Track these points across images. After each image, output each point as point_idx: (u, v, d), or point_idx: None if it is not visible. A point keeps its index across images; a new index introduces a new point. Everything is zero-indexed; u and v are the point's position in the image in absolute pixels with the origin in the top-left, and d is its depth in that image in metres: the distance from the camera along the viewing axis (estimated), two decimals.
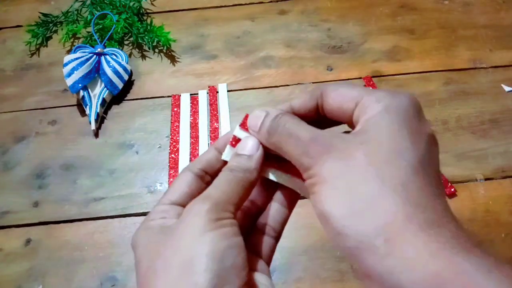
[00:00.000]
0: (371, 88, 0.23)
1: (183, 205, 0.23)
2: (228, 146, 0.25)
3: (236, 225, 0.21)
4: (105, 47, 0.62)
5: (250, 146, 0.24)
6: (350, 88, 0.23)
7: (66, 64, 0.58)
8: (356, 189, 0.19)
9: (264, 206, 0.27)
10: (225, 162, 0.25)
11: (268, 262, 0.25)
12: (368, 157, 0.19)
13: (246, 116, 0.25)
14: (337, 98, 0.23)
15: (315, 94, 0.24)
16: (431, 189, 0.19)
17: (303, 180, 0.22)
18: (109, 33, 0.64)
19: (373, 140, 0.20)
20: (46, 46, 0.68)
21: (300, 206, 0.49)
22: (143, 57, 0.66)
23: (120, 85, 0.59)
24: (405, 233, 0.17)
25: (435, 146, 0.20)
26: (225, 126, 0.56)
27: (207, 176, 0.25)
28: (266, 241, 0.26)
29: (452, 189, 0.48)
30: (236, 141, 0.25)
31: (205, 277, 0.19)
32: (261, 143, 0.24)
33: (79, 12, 0.70)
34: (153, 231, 0.22)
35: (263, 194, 0.27)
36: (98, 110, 0.57)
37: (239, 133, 0.25)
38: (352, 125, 0.23)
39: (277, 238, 0.26)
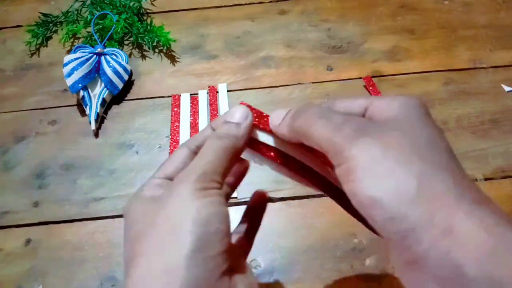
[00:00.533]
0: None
1: None
2: None
3: (222, 195, 0.22)
4: (105, 47, 0.62)
5: (239, 114, 0.25)
6: (355, 97, 0.23)
7: (66, 64, 0.58)
8: (402, 172, 0.18)
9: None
10: None
11: (246, 256, 0.29)
12: (407, 142, 0.19)
13: (241, 102, 0.26)
14: (344, 106, 0.23)
15: (324, 105, 0.25)
16: (465, 173, 0.20)
17: (330, 168, 0.23)
18: (109, 33, 0.64)
19: (406, 128, 0.20)
20: (46, 46, 0.68)
21: (300, 206, 0.49)
22: (143, 57, 0.66)
23: (120, 85, 0.59)
24: (459, 212, 0.17)
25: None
26: None
27: None
28: (245, 245, 0.29)
29: None
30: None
31: (189, 238, 0.20)
32: (275, 136, 0.25)
33: (79, 12, 0.70)
34: (145, 201, 0.23)
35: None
36: (98, 110, 0.57)
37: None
38: None
39: (250, 245, 0.29)
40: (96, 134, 0.56)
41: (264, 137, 0.26)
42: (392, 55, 0.63)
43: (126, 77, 0.60)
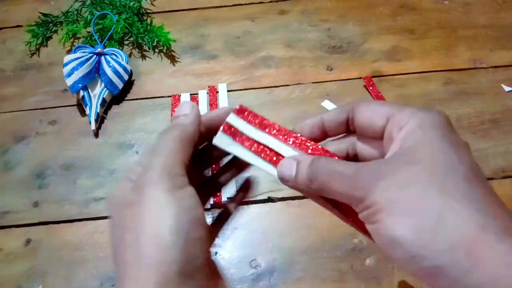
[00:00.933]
0: (400, 104, 0.23)
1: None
2: (220, 131, 0.26)
3: (194, 194, 0.22)
4: (105, 47, 0.62)
5: (185, 108, 0.25)
6: (381, 104, 0.23)
7: (66, 64, 0.58)
8: (422, 209, 0.18)
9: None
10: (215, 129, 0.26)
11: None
12: (423, 175, 0.19)
13: (241, 106, 0.26)
14: (368, 113, 0.24)
15: (346, 108, 0.25)
16: (491, 196, 0.19)
17: (353, 219, 0.24)
18: (109, 33, 0.64)
19: (421, 158, 0.20)
20: (46, 46, 0.68)
21: (300, 206, 0.49)
22: (143, 57, 0.66)
23: (120, 85, 0.59)
24: (484, 244, 0.17)
25: (472, 154, 0.21)
26: None
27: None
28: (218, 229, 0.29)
29: None
30: (228, 127, 0.26)
31: (171, 253, 0.20)
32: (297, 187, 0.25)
33: (79, 12, 0.70)
34: (122, 202, 0.23)
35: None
36: (98, 110, 0.57)
37: (234, 120, 0.26)
38: (381, 140, 0.23)
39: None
40: (96, 134, 0.56)
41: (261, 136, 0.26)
42: (392, 55, 0.63)
43: (126, 77, 0.60)
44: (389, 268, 0.44)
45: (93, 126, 0.56)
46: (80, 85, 0.57)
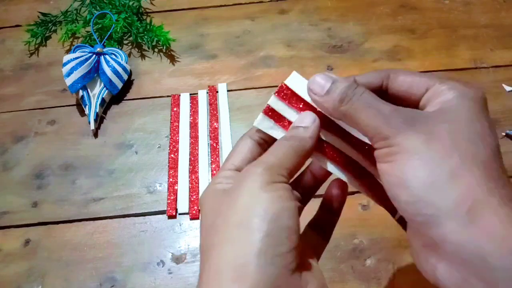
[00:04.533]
0: (439, 76, 0.24)
1: None
2: (261, 114, 0.26)
3: (290, 190, 0.22)
4: (104, 46, 0.62)
5: (307, 119, 0.25)
6: (420, 74, 0.24)
7: (65, 64, 0.57)
8: (440, 162, 0.20)
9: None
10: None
11: (318, 258, 0.27)
12: (452, 135, 0.20)
13: (282, 86, 0.26)
14: (407, 81, 0.24)
15: (382, 74, 0.25)
16: (505, 174, 0.20)
17: (369, 148, 0.24)
18: (109, 33, 0.63)
19: (455, 121, 0.21)
20: (45, 45, 0.68)
21: None
22: (143, 56, 0.65)
23: (119, 84, 0.59)
24: (488, 205, 0.18)
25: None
26: (225, 126, 0.56)
27: (265, 144, 0.26)
28: (319, 240, 0.28)
29: None
30: (270, 110, 0.26)
31: (257, 236, 0.20)
32: (317, 111, 0.25)
33: (78, 11, 0.70)
34: (217, 193, 0.24)
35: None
36: (97, 110, 0.57)
37: (274, 102, 0.26)
38: (417, 108, 0.24)
39: (327, 239, 0.29)
40: (96, 134, 0.56)
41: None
42: (392, 55, 0.63)
43: (125, 76, 0.60)
44: (389, 268, 0.43)
45: (92, 126, 0.56)
46: (79, 84, 0.57)
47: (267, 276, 0.19)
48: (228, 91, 0.60)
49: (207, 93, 0.60)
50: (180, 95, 0.59)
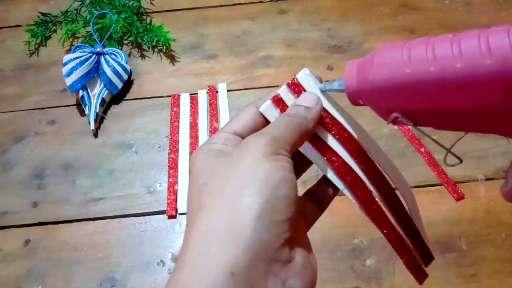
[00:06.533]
0: None
1: (245, 137, 0.24)
2: (268, 100, 0.25)
3: (291, 163, 0.22)
4: (104, 46, 0.62)
5: (310, 99, 0.25)
6: None
7: (66, 64, 0.57)
8: None
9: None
10: None
11: (309, 228, 0.27)
12: None
13: (294, 79, 0.25)
14: None
15: None
16: None
17: None
18: (109, 33, 0.63)
19: None
20: (45, 45, 0.68)
21: None
22: (143, 56, 0.65)
23: (119, 84, 0.59)
24: None
25: None
26: None
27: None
28: (314, 209, 0.28)
29: (460, 192, 0.48)
30: (278, 99, 0.25)
31: (257, 200, 0.19)
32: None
33: (78, 11, 0.70)
34: (213, 153, 0.23)
35: None
36: (97, 110, 0.57)
37: (285, 92, 0.25)
38: None
39: (323, 210, 0.28)
40: (96, 134, 0.56)
41: (333, 142, 0.25)
42: None
43: (125, 76, 0.60)
44: (389, 268, 0.43)
45: (92, 126, 0.56)
46: (79, 84, 0.57)
47: (261, 241, 0.19)
48: (228, 91, 0.60)
49: (207, 93, 0.60)
50: (180, 95, 0.59)
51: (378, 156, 0.25)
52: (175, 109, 0.58)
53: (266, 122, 0.25)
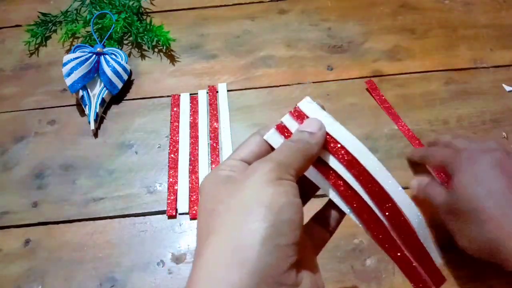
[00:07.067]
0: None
1: (251, 163, 0.24)
2: (273, 128, 0.26)
3: (296, 187, 0.23)
4: (104, 46, 0.62)
5: (313, 125, 0.25)
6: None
7: (65, 64, 0.57)
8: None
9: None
10: None
11: (318, 251, 0.28)
12: None
13: (295, 107, 0.26)
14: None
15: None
16: None
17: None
18: (109, 33, 0.63)
19: None
20: (45, 45, 0.68)
21: None
22: (143, 56, 0.65)
23: (119, 84, 0.59)
24: None
25: None
26: (225, 126, 0.56)
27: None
28: (322, 233, 0.28)
29: None
30: (282, 127, 0.26)
31: (261, 225, 0.20)
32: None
33: (78, 11, 0.70)
34: (220, 180, 0.24)
35: None
36: (97, 110, 0.57)
37: (288, 120, 0.26)
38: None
39: (331, 233, 0.29)
40: (96, 134, 0.56)
41: (334, 163, 0.25)
42: (392, 55, 0.63)
43: (125, 76, 0.60)
44: (389, 268, 0.43)
45: (92, 126, 0.56)
46: (79, 84, 0.57)
47: (266, 265, 0.19)
48: (228, 91, 0.60)
49: (207, 93, 0.60)
50: (180, 95, 0.59)
51: (382, 177, 0.25)
52: (175, 109, 0.58)
53: (271, 149, 0.26)
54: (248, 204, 0.21)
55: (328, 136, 0.25)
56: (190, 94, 0.60)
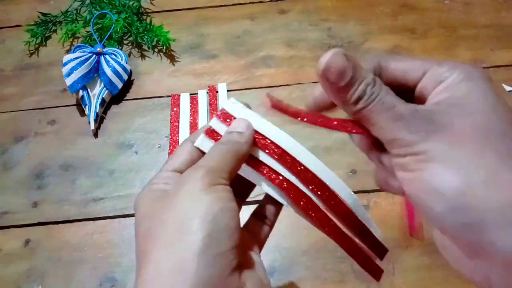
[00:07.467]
0: (434, 58, 0.22)
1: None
2: (202, 134, 0.26)
3: (230, 191, 0.22)
4: (104, 46, 0.62)
5: (241, 124, 0.25)
6: (413, 58, 0.22)
7: (66, 64, 0.57)
8: (472, 166, 0.18)
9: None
10: None
11: (261, 246, 0.28)
12: (478, 131, 0.18)
13: (222, 110, 0.26)
14: (400, 67, 0.22)
15: (373, 63, 0.23)
16: None
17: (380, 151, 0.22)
18: (109, 33, 0.63)
19: (474, 112, 0.19)
20: (45, 45, 0.68)
21: None
22: (143, 56, 0.65)
23: (119, 85, 0.59)
24: None
25: None
26: None
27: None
28: (263, 228, 0.28)
29: None
30: (212, 131, 0.26)
31: (198, 236, 0.20)
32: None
33: (78, 11, 0.70)
34: (154, 195, 0.23)
35: None
36: (97, 110, 0.57)
37: (216, 124, 0.26)
38: (413, 93, 0.22)
39: (271, 226, 0.28)
40: (96, 134, 0.56)
41: (268, 160, 0.26)
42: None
43: (125, 76, 0.60)
44: (389, 268, 0.43)
45: (92, 126, 0.56)
46: (79, 84, 0.57)
47: (208, 275, 0.19)
48: (228, 91, 0.60)
49: (207, 93, 0.60)
50: (180, 95, 0.59)
51: (313, 165, 0.26)
52: (175, 109, 0.58)
53: (203, 155, 0.25)
54: (182, 217, 0.21)
55: (257, 134, 0.26)
56: (190, 94, 0.60)
